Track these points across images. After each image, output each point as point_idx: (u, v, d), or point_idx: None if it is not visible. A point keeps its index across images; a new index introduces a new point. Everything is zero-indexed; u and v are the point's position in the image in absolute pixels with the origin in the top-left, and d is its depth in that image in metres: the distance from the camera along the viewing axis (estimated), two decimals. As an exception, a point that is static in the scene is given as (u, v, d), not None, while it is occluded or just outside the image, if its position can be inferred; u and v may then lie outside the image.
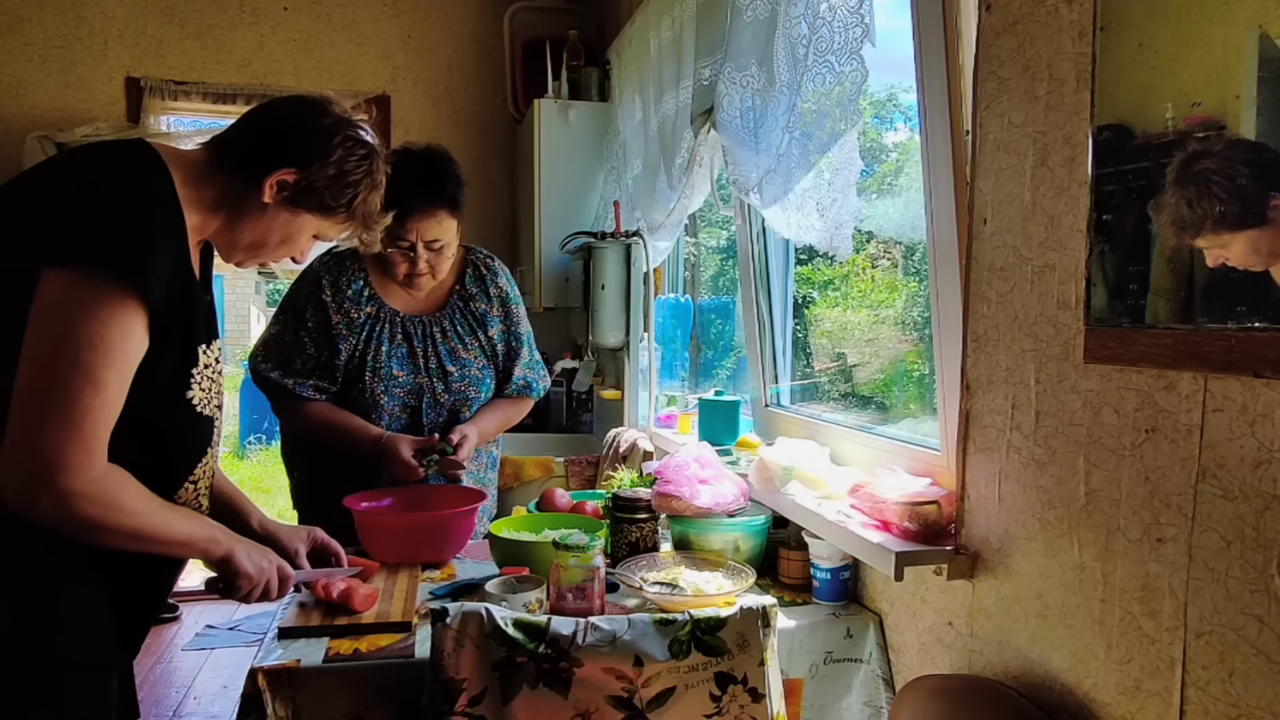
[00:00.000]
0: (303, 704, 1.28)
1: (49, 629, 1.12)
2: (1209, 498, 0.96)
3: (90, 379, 1.05)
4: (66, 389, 1.04)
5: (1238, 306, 0.91)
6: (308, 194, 1.26)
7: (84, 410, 1.05)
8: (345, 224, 1.34)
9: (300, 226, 1.30)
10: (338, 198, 1.29)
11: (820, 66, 1.57)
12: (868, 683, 1.56)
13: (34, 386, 1.05)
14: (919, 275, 1.99)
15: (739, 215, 2.38)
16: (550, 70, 3.58)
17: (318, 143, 1.26)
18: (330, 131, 1.27)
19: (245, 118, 1.29)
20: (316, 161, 1.25)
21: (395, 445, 1.84)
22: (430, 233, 1.85)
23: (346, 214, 1.32)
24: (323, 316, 1.90)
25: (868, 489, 1.52)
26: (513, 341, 2.06)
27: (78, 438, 1.04)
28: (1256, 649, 0.91)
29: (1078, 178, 1.14)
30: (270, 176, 1.22)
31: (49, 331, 1.05)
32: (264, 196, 1.23)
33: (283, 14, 3.95)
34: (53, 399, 1.04)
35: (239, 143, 1.26)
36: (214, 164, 1.24)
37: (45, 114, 3.70)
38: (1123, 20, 1.05)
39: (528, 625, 1.25)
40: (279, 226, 1.28)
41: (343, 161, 1.28)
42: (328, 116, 1.28)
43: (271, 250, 1.31)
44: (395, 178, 1.69)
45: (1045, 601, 1.21)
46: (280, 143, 1.24)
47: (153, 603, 1.31)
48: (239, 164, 1.23)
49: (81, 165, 1.17)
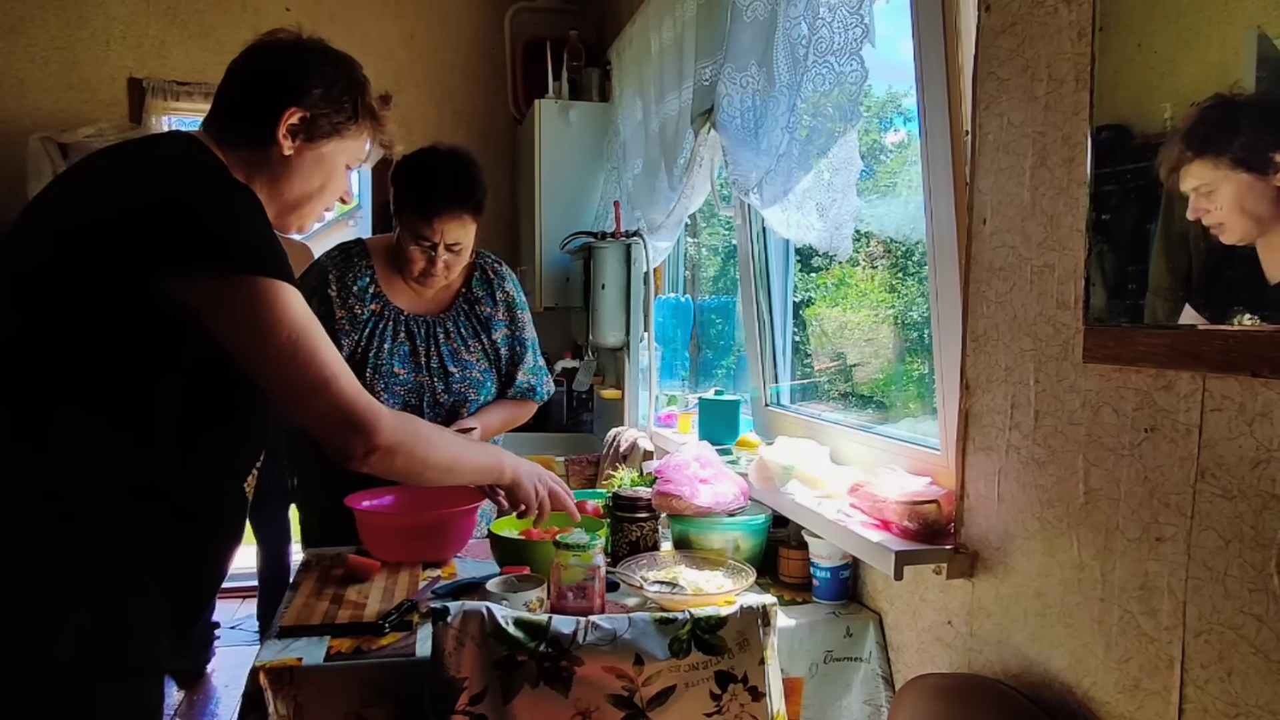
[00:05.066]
0: (304, 702, 1.28)
1: (122, 634, 1.13)
2: (1208, 497, 0.96)
3: (313, 360, 1.17)
4: (308, 379, 1.16)
5: (1236, 306, 0.92)
6: (317, 123, 1.26)
7: (331, 380, 1.18)
8: (361, 133, 1.34)
9: (330, 160, 1.31)
10: (340, 111, 1.29)
11: (820, 67, 1.57)
12: (868, 681, 1.56)
13: (287, 386, 1.16)
14: (916, 276, 1.99)
15: (739, 215, 2.38)
16: (551, 70, 3.58)
17: (296, 74, 1.26)
18: (297, 59, 1.28)
19: (222, 91, 1.29)
20: (306, 90, 1.25)
21: None
22: (453, 235, 1.88)
23: (354, 120, 1.32)
24: (326, 310, 1.91)
25: (867, 488, 1.53)
26: (517, 346, 2.07)
27: (355, 401, 1.20)
28: (1255, 648, 0.91)
29: (1077, 178, 1.14)
30: (280, 126, 1.23)
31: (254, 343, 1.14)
32: (284, 149, 1.24)
33: (284, 15, 3.95)
34: (314, 384, 1.16)
35: (232, 116, 1.26)
36: (226, 146, 1.25)
37: (48, 115, 3.70)
38: (1121, 21, 1.05)
39: (528, 624, 1.25)
40: (313, 170, 1.29)
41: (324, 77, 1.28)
42: (285, 49, 1.30)
43: (318, 198, 1.33)
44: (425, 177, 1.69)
45: (1044, 600, 1.22)
46: (268, 93, 1.25)
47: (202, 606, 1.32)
48: (246, 134, 1.24)
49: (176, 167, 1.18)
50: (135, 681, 1.16)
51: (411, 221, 1.86)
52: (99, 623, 1.10)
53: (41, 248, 1.13)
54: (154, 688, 1.20)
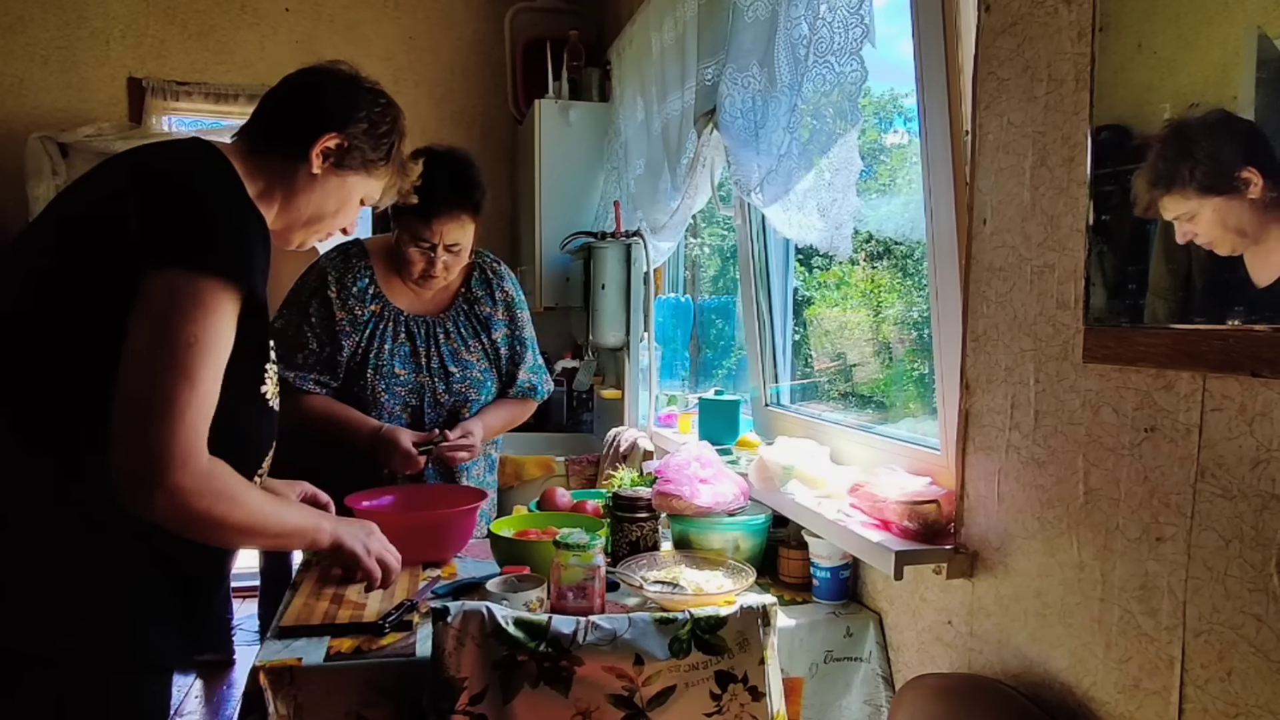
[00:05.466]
0: (304, 702, 1.28)
1: (124, 631, 1.13)
2: (1208, 497, 0.96)
3: (189, 377, 1.06)
4: (167, 388, 1.05)
5: (1236, 306, 0.92)
6: (351, 154, 1.30)
7: (183, 407, 1.06)
8: (386, 176, 1.38)
9: (350, 190, 1.33)
10: (376, 150, 1.33)
11: (820, 67, 1.57)
12: (867, 681, 1.56)
13: (135, 387, 1.06)
14: (916, 276, 1.99)
15: (739, 215, 2.38)
16: (551, 71, 3.58)
17: (348, 102, 1.30)
18: (352, 89, 1.32)
19: (268, 99, 1.32)
20: (351, 120, 1.29)
21: (394, 436, 1.86)
22: (452, 235, 1.88)
23: (386, 164, 1.36)
24: (327, 312, 1.91)
25: (867, 488, 1.53)
26: (517, 346, 2.08)
27: (181, 433, 1.05)
28: (1255, 648, 0.91)
29: (1077, 178, 1.14)
30: (315, 146, 1.26)
31: (148, 333, 1.07)
32: (312, 168, 1.27)
33: (284, 15, 3.96)
34: (154, 399, 1.05)
35: (273, 124, 1.28)
36: (255, 152, 1.26)
37: (47, 114, 3.70)
38: (1121, 21, 1.05)
39: (528, 624, 1.25)
40: (332, 194, 1.31)
41: (370, 114, 1.32)
42: (343, 78, 1.34)
43: (329, 221, 1.34)
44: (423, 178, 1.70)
45: (1044, 600, 1.22)
46: (314, 112, 1.28)
47: (209, 599, 1.32)
48: (280, 144, 1.26)
49: (169, 168, 1.17)
50: (142, 677, 1.17)
51: (410, 223, 1.87)
52: (109, 620, 1.12)
53: (49, 243, 1.14)
54: (161, 684, 1.21)
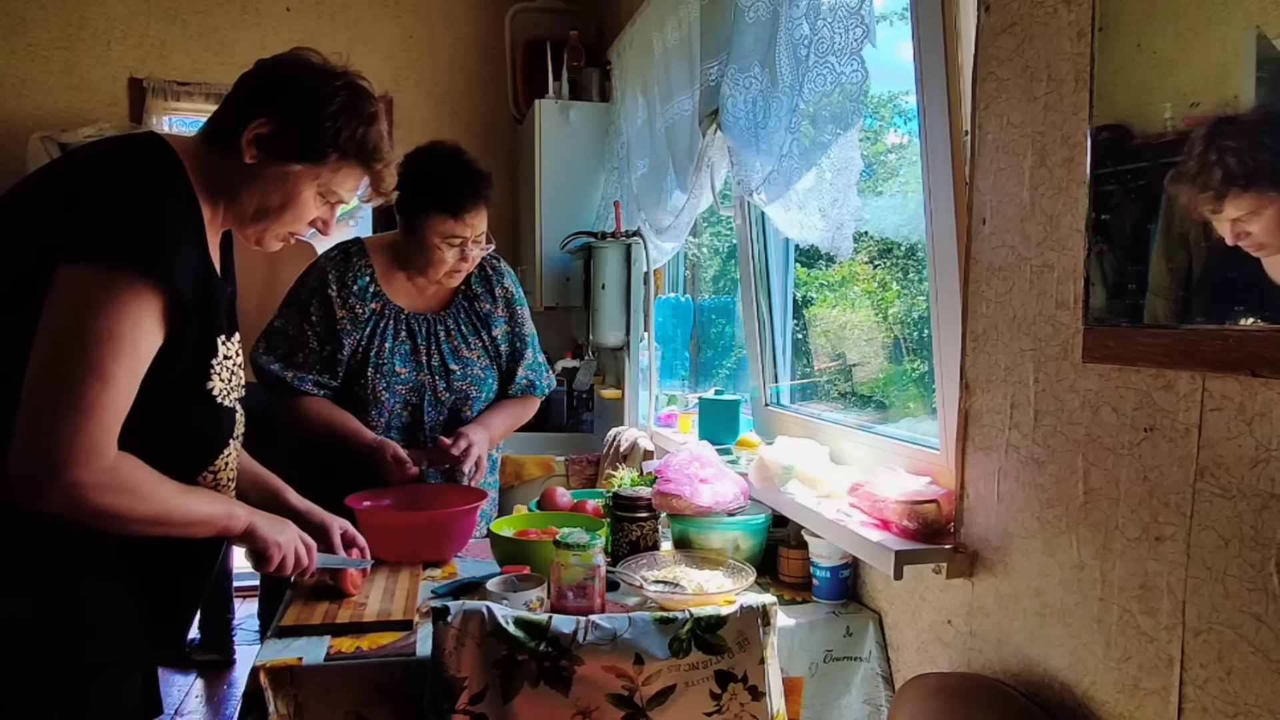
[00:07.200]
0: (304, 702, 1.28)
1: (74, 627, 1.12)
2: (1207, 496, 0.96)
3: (98, 372, 1.04)
4: (74, 383, 1.03)
5: (1235, 306, 0.92)
6: (287, 141, 1.20)
7: (91, 403, 1.03)
8: (342, 167, 1.25)
9: (295, 183, 1.22)
10: (319, 136, 1.21)
11: (821, 67, 1.57)
12: (867, 681, 1.57)
13: (42, 381, 1.04)
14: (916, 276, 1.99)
15: (739, 215, 2.39)
16: (551, 71, 3.58)
17: (283, 85, 1.21)
18: (296, 72, 1.23)
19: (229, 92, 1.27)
20: (288, 105, 1.20)
21: (384, 451, 1.85)
22: (479, 225, 1.91)
23: (338, 154, 1.23)
24: (327, 311, 1.91)
25: (867, 488, 1.53)
26: (517, 343, 2.08)
27: (85, 430, 1.03)
28: (1254, 647, 0.91)
29: (1076, 178, 1.14)
30: (247, 133, 1.18)
31: (58, 327, 1.05)
32: (245, 157, 1.19)
33: (285, 15, 3.96)
34: (61, 393, 1.03)
35: (220, 115, 1.24)
36: (208, 144, 1.22)
37: (48, 114, 3.71)
38: (1121, 21, 1.06)
39: (529, 624, 1.25)
40: (273, 186, 1.22)
41: (315, 97, 1.21)
42: (296, 64, 1.24)
43: (278, 217, 1.25)
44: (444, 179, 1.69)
45: (1044, 600, 1.22)
46: (248, 98, 1.21)
47: (185, 597, 1.31)
48: (223, 134, 1.21)
49: (91, 161, 1.17)
50: (105, 676, 1.15)
51: (439, 223, 1.85)
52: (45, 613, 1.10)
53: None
54: (126, 682, 1.19)
